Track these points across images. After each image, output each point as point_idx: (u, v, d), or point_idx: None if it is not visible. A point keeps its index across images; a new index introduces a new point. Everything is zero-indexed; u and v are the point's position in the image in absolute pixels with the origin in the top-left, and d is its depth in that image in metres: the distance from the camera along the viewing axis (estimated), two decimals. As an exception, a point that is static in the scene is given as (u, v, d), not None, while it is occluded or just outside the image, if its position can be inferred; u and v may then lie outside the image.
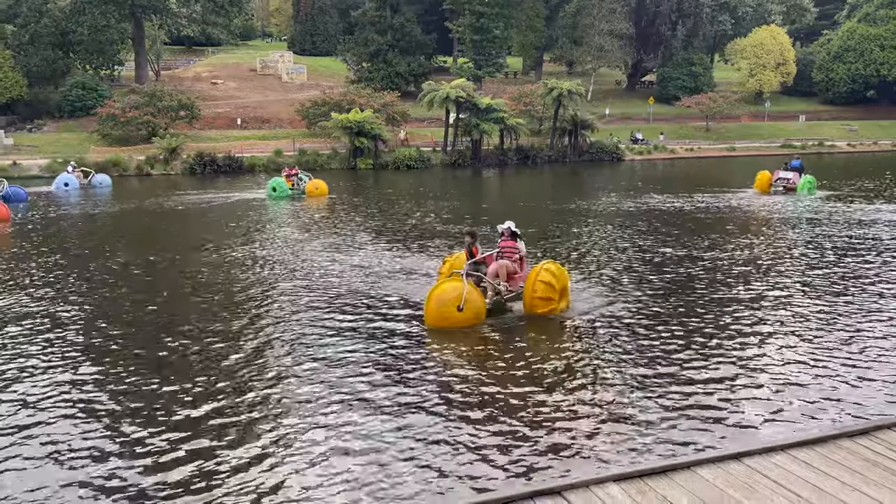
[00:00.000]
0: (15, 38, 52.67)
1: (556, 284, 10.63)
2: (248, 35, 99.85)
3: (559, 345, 9.57)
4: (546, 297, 10.56)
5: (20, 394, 8.01)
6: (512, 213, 23.60)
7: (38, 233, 20.23)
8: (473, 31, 62.67)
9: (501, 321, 10.63)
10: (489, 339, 9.85)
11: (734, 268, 14.27)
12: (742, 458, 5.46)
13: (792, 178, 28.11)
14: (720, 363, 8.82)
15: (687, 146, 57.14)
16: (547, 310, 10.59)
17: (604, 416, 7.25)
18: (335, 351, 9.31)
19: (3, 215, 21.96)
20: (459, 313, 10.05)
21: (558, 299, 10.78)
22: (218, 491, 5.95)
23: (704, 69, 69.48)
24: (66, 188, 31.62)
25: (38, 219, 23.16)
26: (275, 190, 27.99)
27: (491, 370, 8.59)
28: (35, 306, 11.74)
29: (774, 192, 27.92)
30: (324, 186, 28.92)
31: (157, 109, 46.87)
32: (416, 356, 9.16)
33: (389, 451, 6.55)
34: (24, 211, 24.85)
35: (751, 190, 28.68)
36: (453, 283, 10.44)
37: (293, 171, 30.02)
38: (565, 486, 5.04)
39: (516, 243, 11.35)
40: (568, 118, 50.01)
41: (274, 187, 28.07)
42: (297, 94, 58.54)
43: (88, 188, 32.86)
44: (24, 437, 6.96)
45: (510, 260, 11.16)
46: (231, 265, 15.13)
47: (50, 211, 25.28)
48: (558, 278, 10.71)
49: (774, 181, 28.42)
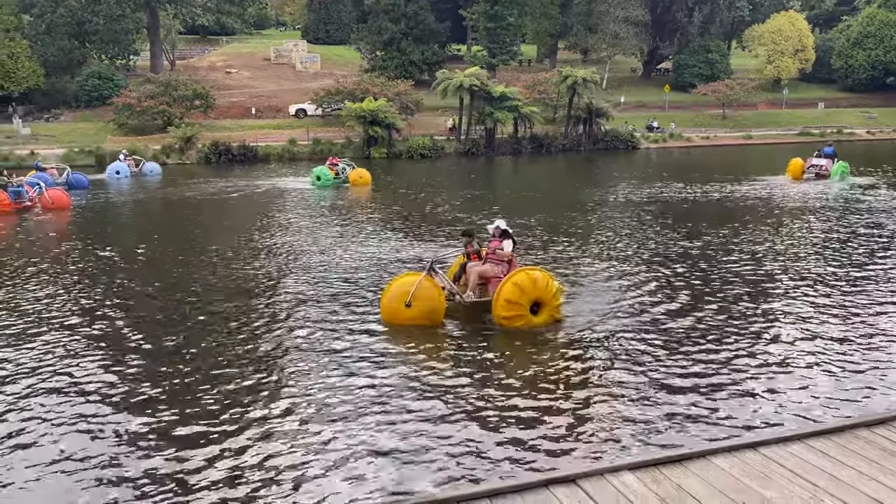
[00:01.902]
0: (31, 28, 52.99)
1: (522, 299, 9.46)
2: (262, 24, 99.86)
3: (573, 334, 9.54)
4: (510, 316, 9.52)
5: (70, 377, 8.14)
6: (524, 203, 23.56)
7: (98, 220, 20.87)
8: (487, 18, 62.26)
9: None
10: (504, 331, 9.83)
11: (756, 256, 14.17)
12: (758, 447, 5.44)
13: (825, 164, 28.07)
14: (736, 352, 8.78)
15: (703, 134, 56.58)
16: (514, 325, 9.53)
17: (618, 405, 7.25)
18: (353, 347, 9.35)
19: (65, 203, 22.47)
20: (407, 310, 9.55)
21: (527, 313, 9.58)
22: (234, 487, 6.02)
23: (721, 56, 68.59)
24: (118, 176, 32.38)
25: (100, 206, 23.81)
26: (319, 179, 28.04)
27: (505, 362, 8.60)
28: (94, 293, 11.90)
29: (807, 179, 27.86)
30: (367, 175, 29.10)
31: (173, 99, 47.05)
32: (433, 346, 9.18)
33: (401, 439, 6.59)
34: (85, 198, 25.42)
35: (783, 177, 28.55)
36: (411, 277, 9.95)
37: (335, 160, 30.10)
38: (579, 474, 5.05)
39: (500, 243, 10.31)
40: (583, 106, 49.64)
41: (318, 176, 28.13)
42: (311, 83, 58.51)
43: (139, 176, 33.54)
44: (64, 410, 7.07)
45: (493, 263, 10.24)
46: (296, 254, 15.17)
47: (108, 198, 26.04)
48: (527, 291, 9.47)
49: (807, 168, 28.39)
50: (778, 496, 4.75)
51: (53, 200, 22.26)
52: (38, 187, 22.75)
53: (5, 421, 7.09)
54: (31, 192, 22.65)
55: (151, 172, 34.34)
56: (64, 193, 23.17)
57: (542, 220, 19.04)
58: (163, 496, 5.76)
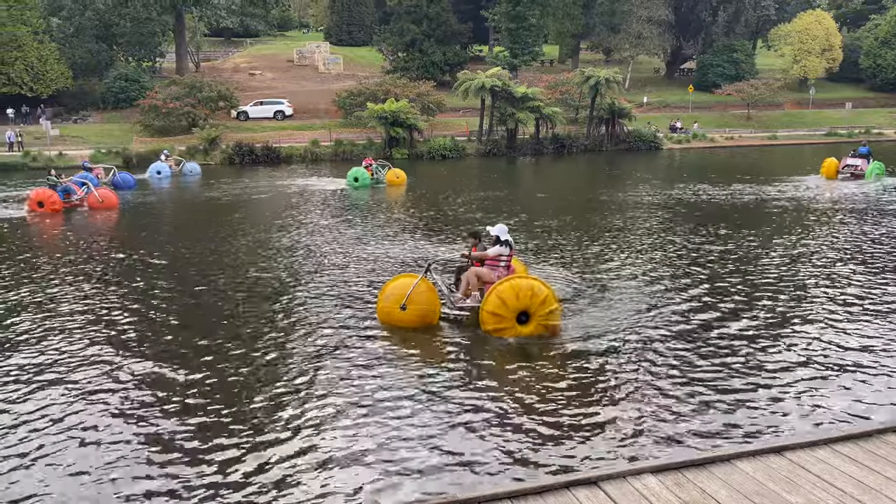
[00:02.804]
0: (60, 31, 53.90)
1: (505, 310, 9.09)
2: (286, 26, 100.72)
3: (595, 335, 9.48)
4: (498, 328, 9.18)
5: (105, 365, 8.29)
6: (546, 204, 23.49)
7: (144, 219, 21.43)
8: (509, 19, 62.16)
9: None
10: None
11: (787, 258, 14.01)
12: (783, 451, 5.38)
13: (860, 164, 27.73)
14: (763, 355, 8.67)
15: (727, 135, 55.99)
16: (501, 336, 9.18)
17: (640, 408, 7.20)
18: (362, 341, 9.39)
19: (113, 202, 22.95)
20: (402, 312, 9.52)
21: (514, 323, 9.17)
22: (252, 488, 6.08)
23: (746, 56, 67.80)
24: (159, 175, 32.99)
25: (145, 206, 24.44)
26: (356, 180, 28.13)
27: (524, 362, 8.58)
28: (138, 289, 12.11)
29: (843, 179, 27.52)
30: (403, 175, 29.28)
31: (197, 100, 47.60)
32: (448, 348, 9.18)
33: (423, 439, 6.61)
34: (132, 197, 26.03)
35: (817, 177, 28.24)
36: (407, 279, 9.83)
37: (369, 160, 30.34)
38: (601, 477, 5.02)
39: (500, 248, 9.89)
40: (605, 107, 49.39)
41: (356, 177, 28.20)
42: (334, 85, 58.86)
43: (179, 176, 34.09)
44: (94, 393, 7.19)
45: (490, 267, 9.92)
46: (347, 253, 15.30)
47: (152, 198, 26.73)
48: (511, 302, 9.06)
49: (842, 168, 28.05)
50: (804, 502, 4.69)
51: (102, 199, 22.73)
52: (86, 187, 23.22)
53: (29, 420, 7.22)
54: (80, 192, 23.13)
55: (191, 172, 34.86)
56: (112, 193, 23.65)
57: (565, 222, 18.97)
58: (166, 496, 5.84)
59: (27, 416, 7.22)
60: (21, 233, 19.05)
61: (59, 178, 23.21)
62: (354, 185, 28.14)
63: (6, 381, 8.16)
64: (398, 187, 28.31)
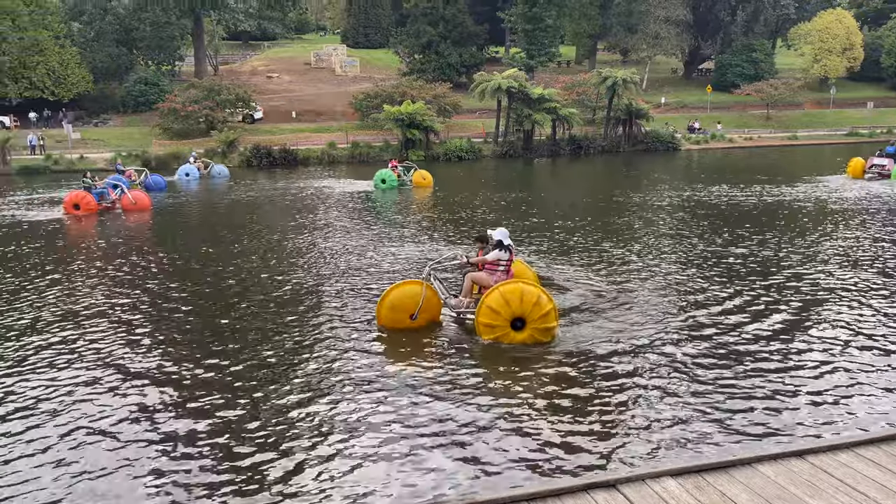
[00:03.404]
0: (81, 35, 54.68)
1: (498, 318, 8.95)
2: (303, 29, 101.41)
3: (614, 336, 9.43)
4: (490, 325, 9.03)
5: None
6: (564, 205, 23.41)
7: (176, 220, 21.87)
8: (525, 20, 62.11)
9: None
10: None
11: (811, 259, 13.85)
12: (805, 455, 5.31)
13: (887, 164, 27.45)
14: (784, 358, 8.57)
15: (746, 135, 55.52)
16: (491, 338, 9.06)
17: (660, 410, 7.14)
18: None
19: (146, 204, 23.31)
20: (412, 321, 9.56)
21: (508, 328, 8.99)
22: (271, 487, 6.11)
23: (766, 55, 67.21)
24: (187, 178, 33.51)
25: (176, 207, 24.84)
26: (384, 181, 28.20)
27: (542, 363, 8.54)
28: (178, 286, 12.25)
29: (869, 179, 27.27)
30: (430, 177, 29.38)
31: (216, 103, 48.04)
32: (464, 348, 9.17)
33: (439, 439, 6.60)
34: (163, 199, 26.41)
35: (842, 176, 27.94)
36: (412, 287, 9.70)
37: (395, 162, 30.50)
38: (620, 479, 4.99)
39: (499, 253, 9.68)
40: (622, 107, 49.19)
41: (383, 179, 28.28)
42: (350, 87, 59.14)
43: (208, 178, 34.54)
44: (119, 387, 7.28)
45: (488, 272, 9.74)
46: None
47: (183, 200, 27.12)
48: (502, 308, 8.89)
49: (868, 168, 27.77)
50: (826, 506, 4.63)
51: (135, 201, 23.07)
52: (119, 189, 23.60)
53: (59, 417, 7.31)
54: (113, 194, 23.50)
55: (220, 175, 35.23)
56: (145, 195, 24.00)
57: (583, 224, 18.90)
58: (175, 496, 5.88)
59: (53, 412, 7.32)
60: (58, 234, 19.33)
61: (93, 180, 23.57)
62: (382, 186, 28.14)
63: (36, 381, 8.26)
64: (425, 189, 28.34)
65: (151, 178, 29.36)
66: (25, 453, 6.53)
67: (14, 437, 6.84)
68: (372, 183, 28.90)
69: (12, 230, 19.66)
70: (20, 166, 39.56)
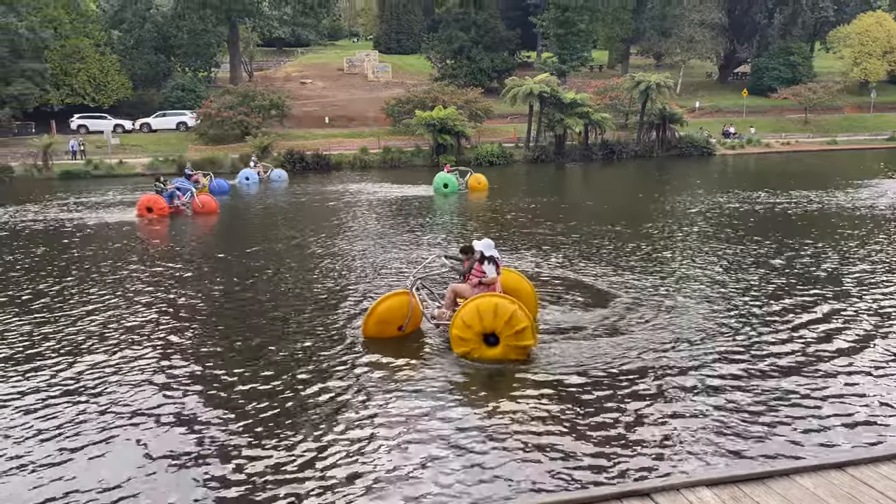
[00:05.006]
0: (121, 43, 55.98)
1: (467, 334, 8.66)
2: (336, 35, 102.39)
3: (648, 343, 9.34)
4: (461, 338, 8.75)
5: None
6: (589, 211, 23.27)
7: (241, 222, 22.64)
8: (558, 25, 61.85)
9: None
10: (564, 336, 9.73)
11: (859, 265, 13.58)
12: (845, 467, 5.21)
13: None
14: (824, 368, 8.41)
15: (783, 140, 54.54)
16: (461, 352, 8.78)
17: (695, 419, 7.05)
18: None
19: (213, 208, 23.91)
20: (399, 332, 9.57)
21: (479, 343, 8.70)
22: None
23: (804, 58, 65.97)
24: (248, 181, 34.16)
25: (241, 210, 25.63)
26: (446, 186, 28.12)
27: (582, 371, 8.49)
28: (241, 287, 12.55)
29: None
30: (485, 181, 29.44)
31: (250, 109, 48.74)
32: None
33: (474, 445, 6.61)
34: (226, 202, 27.06)
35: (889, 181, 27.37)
36: (399, 299, 9.57)
37: (448, 167, 30.67)
38: (654, 489, 4.95)
39: (480, 266, 9.36)
40: (655, 112, 48.72)
41: (445, 183, 28.18)
42: (383, 93, 59.52)
43: (267, 182, 35.20)
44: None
45: (471, 284, 9.45)
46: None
47: (246, 203, 27.98)
48: (485, 319, 8.56)
49: None
50: (867, 520, 4.54)
51: (203, 205, 23.66)
52: (189, 193, 24.24)
53: (95, 418, 7.49)
54: (182, 198, 24.15)
55: (278, 179, 35.76)
56: (212, 199, 24.53)
57: (619, 229, 18.76)
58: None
59: (103, 407, 7.52)
60: (133, 235, 19.99)
61: (165, 184, 24.22)
62: (444, 191, 28.01)
63: (89, 375, 8.49)
64: (480, 193, 28.28)
65: (215, 181, 30.05)
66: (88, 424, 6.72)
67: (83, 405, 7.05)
68: (432, 188, 28.60)
69: (91, 232, 20.35)
70: (62, 171, 40.61)
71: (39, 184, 37.17)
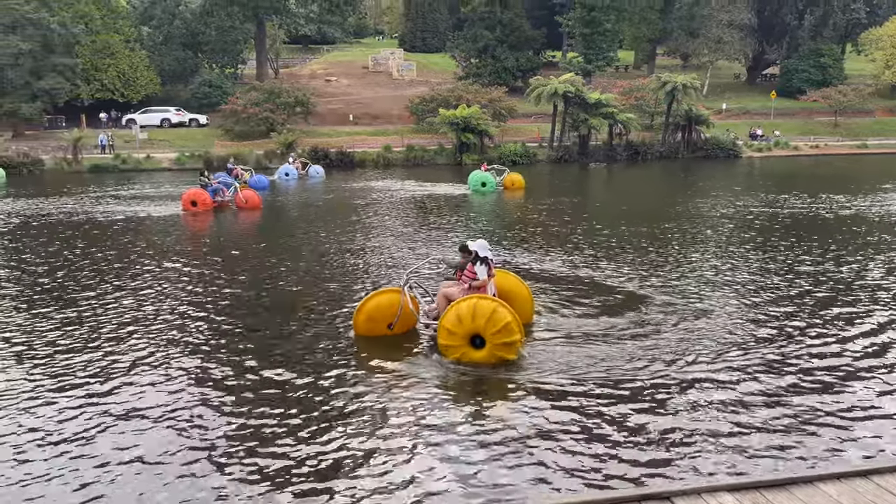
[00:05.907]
0: (150, 39, 56.74)
1: (455, 335, 8.53)
2: (361, 33, 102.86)
3: (669, 345, 9.27)
4: (447, 345, 8.65)
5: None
6: (618, 212, 23.13)
7: (283, 217, 23.12)
8: (583, 24, 61.51)
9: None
10: (587, 338, 9.69)
11: (890, 275, 13.36)
12: (870, 475, 5.14)
13: None
14: (848, 374, 8.29)
15: (812, 143, 53.74)
16: (450, 356, 8.66)
17: (717, 423, 6.99)
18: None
19: (257, 203, 24.16)
20: (388, 330, 9.45)
21: (466, 346, 8.56)
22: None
23: (834, 60, 64.93)
24: (287, 178, 34.73)
25: (282, 205, 26.06)
26: (484, 185, 28.02)
27: (604, 371, 8.46)
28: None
29: None
30: (520, 180, 29.41)
31: (276, 106, 49.12)
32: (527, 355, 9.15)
33: (495, 446, 6.62)
34: (266, 196, 27.27)
35: None
36: (390, 296, 9.50)
37: (485, 166, 30.67)
38: (675, 492, 4.93)
39: (472, 267, 9.27)
40: (681, 113, 48.29)
41: (483, 182, 28.10)
42: (407, 91, 59.68)
43: (305, 178, 35.73)
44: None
45: (460, 286, 9.39)
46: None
47: (287, 198, 28.39)
48: (465, 322, 8.44)
49: None
50: (893, 529, 4.47)
51: (247, 200, 23.91)
52: (232, 188, 24.62)
53: (110, 413, 7.62)
54: (226, 193, 24.54)
55: (316, 175, 36.24)
56: (255, 194, 24.78)
57: (646, 230, 18.64)
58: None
59: (121, 406, 7.65)
60: (178, 228, 20.47)
61: (209, 179, 24.55)
62: (481, 189, 27.91)
63: (114, 371, 8.64)
64: (516, 192, 28.22)
65: (256, 177, 30.47)
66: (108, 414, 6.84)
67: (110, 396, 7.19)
68: (468, 186, 28.47)
69: (139, 224, 20.85)
70: (91, 165, 41.30)
71: (70, 177, 37.83)
